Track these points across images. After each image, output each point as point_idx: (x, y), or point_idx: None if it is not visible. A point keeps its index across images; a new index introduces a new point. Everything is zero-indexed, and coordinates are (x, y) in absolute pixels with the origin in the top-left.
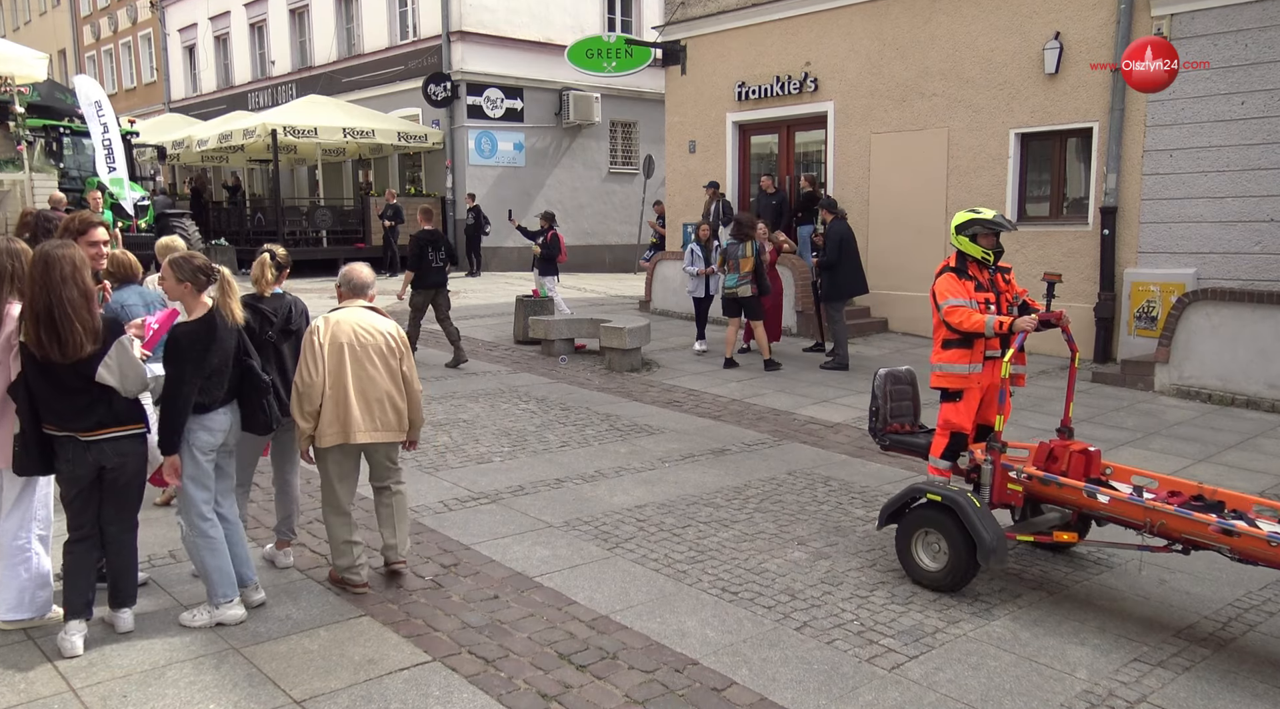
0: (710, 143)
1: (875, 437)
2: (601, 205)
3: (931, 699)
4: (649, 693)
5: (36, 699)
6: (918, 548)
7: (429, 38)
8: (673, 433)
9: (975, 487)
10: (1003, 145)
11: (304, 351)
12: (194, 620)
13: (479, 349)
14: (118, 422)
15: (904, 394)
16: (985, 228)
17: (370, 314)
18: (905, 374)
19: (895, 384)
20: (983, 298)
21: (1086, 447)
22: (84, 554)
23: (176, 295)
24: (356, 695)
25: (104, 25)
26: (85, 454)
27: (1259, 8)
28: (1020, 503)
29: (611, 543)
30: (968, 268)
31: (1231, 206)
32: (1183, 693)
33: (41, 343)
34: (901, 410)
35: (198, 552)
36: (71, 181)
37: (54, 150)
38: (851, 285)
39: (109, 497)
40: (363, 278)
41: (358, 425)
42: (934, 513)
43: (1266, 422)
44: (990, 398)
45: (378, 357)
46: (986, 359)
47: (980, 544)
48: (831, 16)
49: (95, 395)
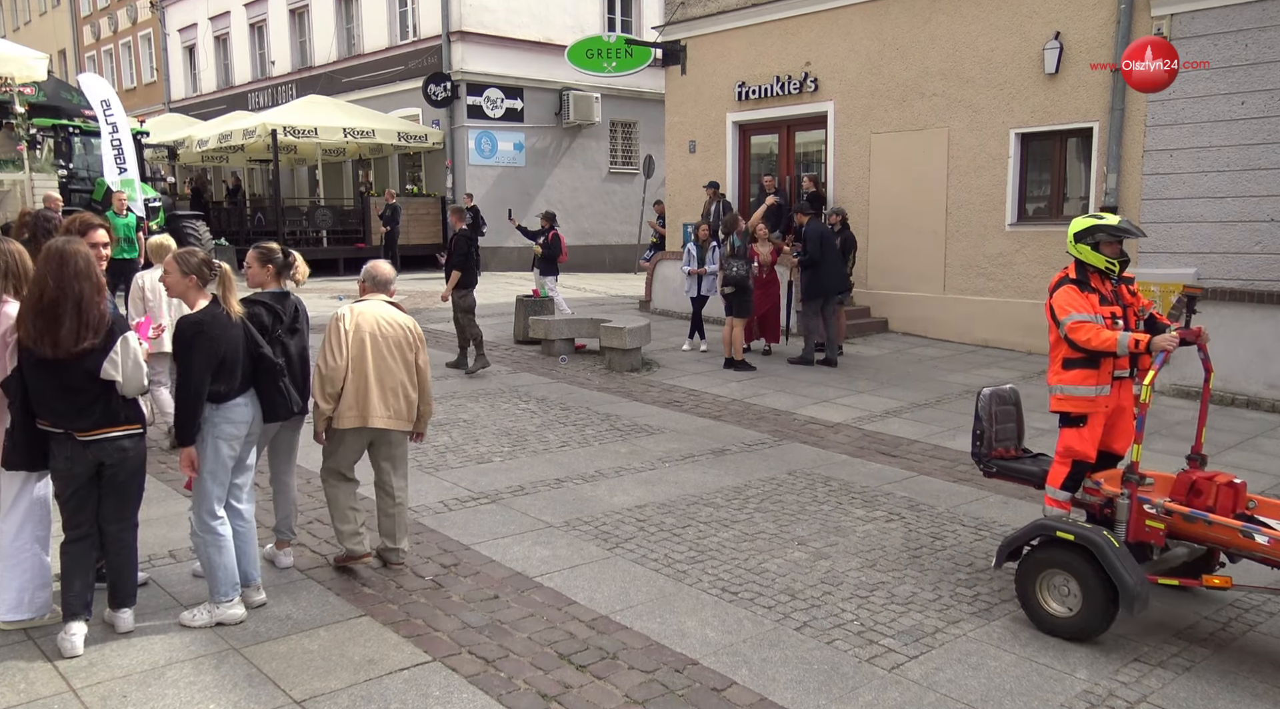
0: (710, 143)
1: (979, 462)
2: (601, 205)
3: (931, 699)
4: (649, 693)
5: (36, 699)
6: (1043, 591)
7: (429, 38)
8: (673, 433)
9: (1098, 521)
10: (1003, 145)
11: (329, 337)
12: (194, 620)
13: None
14: (115, 422)
15: (1008, 415)
16: (1110, 235)
17: (391, 308)
18: (1010, 393)
19: (1000, 404)
20: (1108, 312)
21: (1232, 478)
22: (82, 554)
23: (180, 290)
24: (356, 695)
25: (104, 25)
26: (85, 452)
27: (1259, 8)
28: (1162, 542)
29: (611, 543)
30: (1089, 279)
31: (1232, 206)
32: (1183, 693)
33: (34, 335)
34: (1006, 433)
35: (205, 548)
36: (81, 182)
37: (63, 150)
38: (834, 283)
39: (108, 494)
40: (386, 274)
41: (375, 411)
42: (1064, 553)
43: (1267, 421)
44: (1116, 423)
45: (396, 349)
46: (1114, 380)
47: (1124, 590)
48: (831, 16)
49: (95, 394)
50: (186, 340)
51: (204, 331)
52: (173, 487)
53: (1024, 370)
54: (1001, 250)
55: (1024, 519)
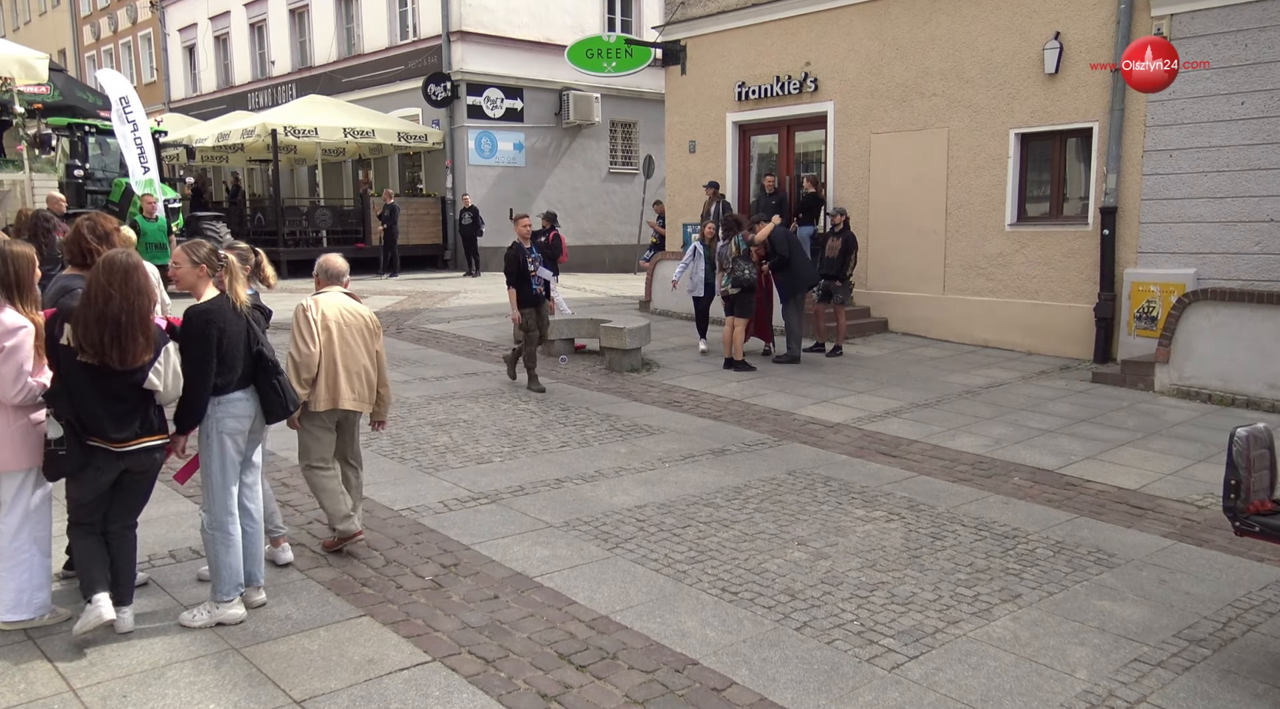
0: (710, 143)
1: (1234, 518)
2: (601, 205)
3: (931, 699)
4: (649, 693)
5: (36, 699)
6: None
7: (429, 38)
8: (673, 433)
9: None
10: (1003, 145)
11: (299, 327)
12: (193, 620)
13: (479, 349)
14: (150, 432)
15: (1264, 461)
16: None
17: (349, 299)
18: (1265, 434)
19: (1258, 448)
20: None
21: None
22: (94, 544)
23: (190, 281)
24: (356, 695)
25: (104, 25)
26: (116, 461)
27: (1259, 8)
28: None
29: (611, 543)
30: None
31: (1232, 206)
32: (1183, 693)
33: (102, 349)
34: (1261, 483)
35: (213, 545)
36: (98, 183)
37: (78, 151)
38: (808, 277)
39: (120, 496)
40: (339, 267)
41: (345, 394)
42: None
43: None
44: None
45: (359, 335)
46: None
47: None
48: (831, 16)
49: (134, 403)
50: (195, 329)
51: (212, 321)
52: (172, 487)
53: (1024, 371)
54: (1001, 250)
55: (1025, 519)
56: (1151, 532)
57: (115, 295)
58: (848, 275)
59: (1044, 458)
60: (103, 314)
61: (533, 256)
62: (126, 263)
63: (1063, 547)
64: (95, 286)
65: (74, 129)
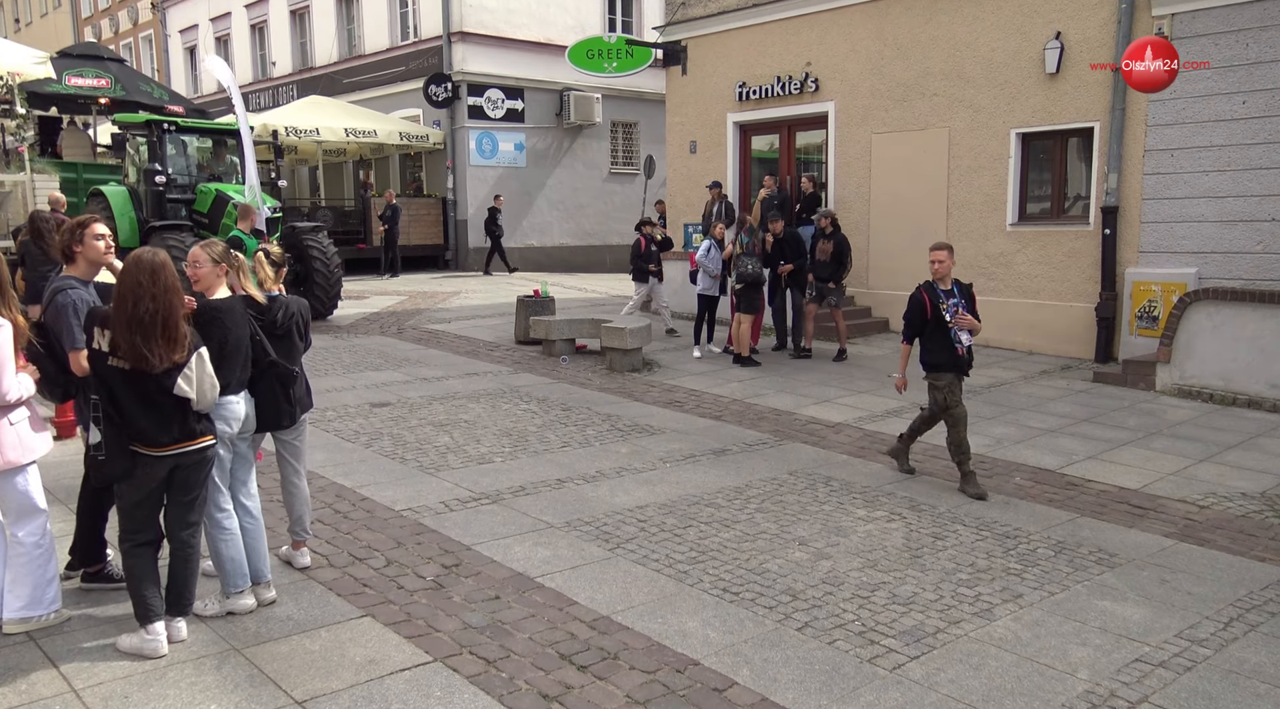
0: (711, 143)
1: None
2: (602, 205)
3: (933, 700)
4: (650, 693)
5: (38, 700)
6: None
7: (429, 38)
8: (674, 433)
9: None
10: (1004, 145)
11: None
12: (205, 610)
13: (480, 349)
14: (191, 437)
15: None
16: None
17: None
18: None
19: None
20: None
21: None
22: (149, 558)
23: (209, 280)
24: (358, 696)
25: (105, 26)
26: (159, 463)
27: (1259, 8)
28: None
29: (613, 543)
30: None
31: (1233, 206)
32: (1184, 694)
33: (135, 350)
34: None
35: (214, 543)
36: (179, 191)
37: (156, 153)
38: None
39: (176, 497)
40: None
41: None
42: None
43: (1268, 421)
44: None
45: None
46: None
47: None
48: (832, 16)
49: (172, 407)
50: (203, 323)
51: (219, 319)
52: None
53: (1024, 370)
54: (1002, 250)
55: (1027, 519)
56: (1153, 531)
57: (147, 296)
58: (842, 278)
59: (1045, 457)
60: (134, 316)
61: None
62: (154, 261)
63: (1064, 546)
64: (126, 288)
65: (152, 128)
